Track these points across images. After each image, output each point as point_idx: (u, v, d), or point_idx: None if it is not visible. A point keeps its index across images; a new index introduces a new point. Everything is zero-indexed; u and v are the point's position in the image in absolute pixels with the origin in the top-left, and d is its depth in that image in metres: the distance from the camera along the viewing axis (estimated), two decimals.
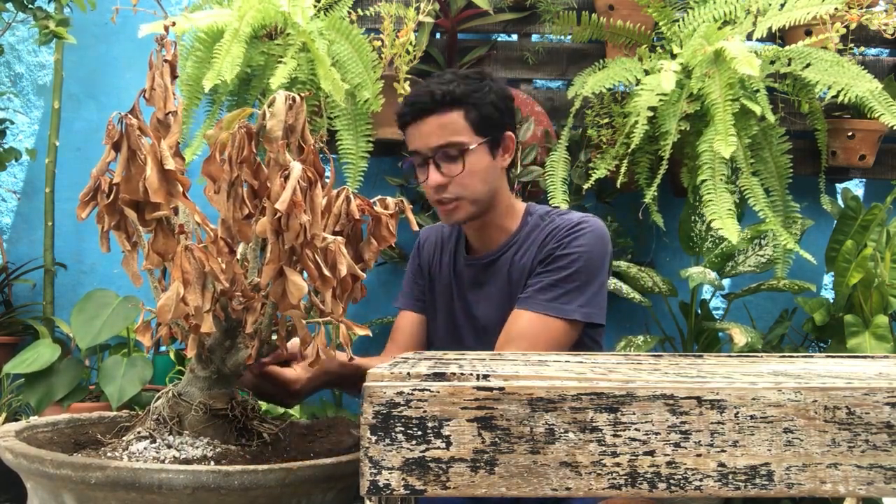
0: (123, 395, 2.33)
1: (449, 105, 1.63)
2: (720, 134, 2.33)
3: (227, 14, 2.43)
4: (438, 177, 1.63)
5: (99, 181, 1.07)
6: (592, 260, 1.63)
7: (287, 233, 1.01)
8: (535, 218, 1.72)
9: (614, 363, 1.04)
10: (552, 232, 1.66)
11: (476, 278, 1.75)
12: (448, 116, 1.63)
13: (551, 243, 1.65)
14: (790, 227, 2.58)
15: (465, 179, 1.64)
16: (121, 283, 2.84)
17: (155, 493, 0.95)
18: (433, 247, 1.85)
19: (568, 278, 1.61)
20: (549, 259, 1.64)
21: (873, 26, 2.58)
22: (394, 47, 2.56)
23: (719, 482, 0.79)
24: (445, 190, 1.64)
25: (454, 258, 1.80)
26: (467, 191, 1.65)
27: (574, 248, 1.63)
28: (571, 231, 1.65)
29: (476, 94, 1.64)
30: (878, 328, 2.45)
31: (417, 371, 0.84)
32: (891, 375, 0.89)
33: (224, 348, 1.13)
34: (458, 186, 1.64)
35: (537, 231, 1.69)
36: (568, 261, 1.62)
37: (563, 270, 1.61)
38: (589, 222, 1.66)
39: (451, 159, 1.63)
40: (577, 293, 1.61)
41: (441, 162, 1.64)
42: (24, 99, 2.98)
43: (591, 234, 1.64)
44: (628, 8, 2.70)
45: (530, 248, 1.68)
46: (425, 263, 1.85)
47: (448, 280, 1.79)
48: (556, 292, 1.60)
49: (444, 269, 1.81)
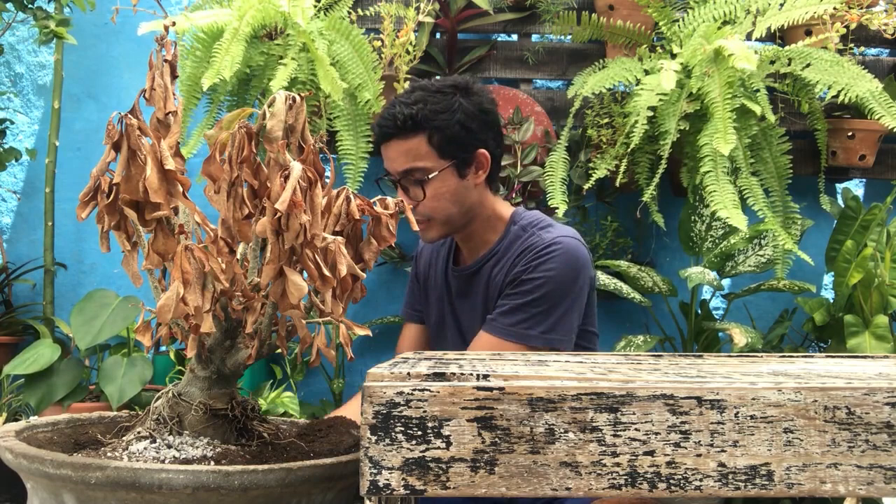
0: (123, 395, 2.33)
1: (411, 130, 1.61)
2: (720, 132, 2.32)
3: (226, 14, 2.43)
4: (406, 200, 1.63)
5: (99, 181, 1.07)
6: (559, 284, 1.60)
7: (287, 233, 1.01)
8: (516, 229, 1.69)
9: (614, 363, 1.04)
10: (524, 252, 1.64)
11: (461, 288, 1.75)
12: (410, 142, 1.62)
13: (519, 265, 1.63)
14: (790, 227, 2.58)
15: (431, 203, 1.63)
16: (121, 283, 2.84)
17: (155, 493, 0.95)
18: (430, 256, 1.86)
19: (532, 303, 1.59)
20: (515, 282, 1.62)
21: (873, 26, 2.58)
22: (394, 47, 2.56)
23: (719, 482, 0.79)
24: (414, 211, 1.63)
25: (446, 268, 1.80)
26: (436, 213, 1.65)
27: (541, 272, 1.60)
28: (540, 254, 1.62)
29: (442, 116, 1.61)
30: (878, 328, 2.45)
31: (417, 371, 0.84)
32: (891, 375, 0.89)
33: (224, 348, 1.13)
34: (426, 209, 1.64)
35: (516, 245, 1.67)
36: (533, 285, 1.60)
37: (527, 295, 1.60)
38: (561, 244, 1.62)
39: (415, 184, 1.63)
40: (541, 318, 1.59)
41: (407, 185, 1.64)
42: (24, 99, 2.98)
43: (561, 256, 1.61)
44: (628, 8, 2.70)
45: (506, 265, 1.67)
46: (422, 273, 1.86)
47: (440, 289, 1.80)
48: (519, 317, 1.59)
49: (438, 278, 1.81)
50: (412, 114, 1.60)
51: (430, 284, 1.83)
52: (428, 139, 1.61)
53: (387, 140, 1.64)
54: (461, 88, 1.66)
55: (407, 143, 1.62)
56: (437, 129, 1.61)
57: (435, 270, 1.82)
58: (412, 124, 1.60)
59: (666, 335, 2.73)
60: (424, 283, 1.85)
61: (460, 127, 1.63)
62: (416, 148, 1.62)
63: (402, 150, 1.62)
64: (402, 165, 1.63)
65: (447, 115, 1.62)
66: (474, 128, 1.65)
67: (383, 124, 1.64)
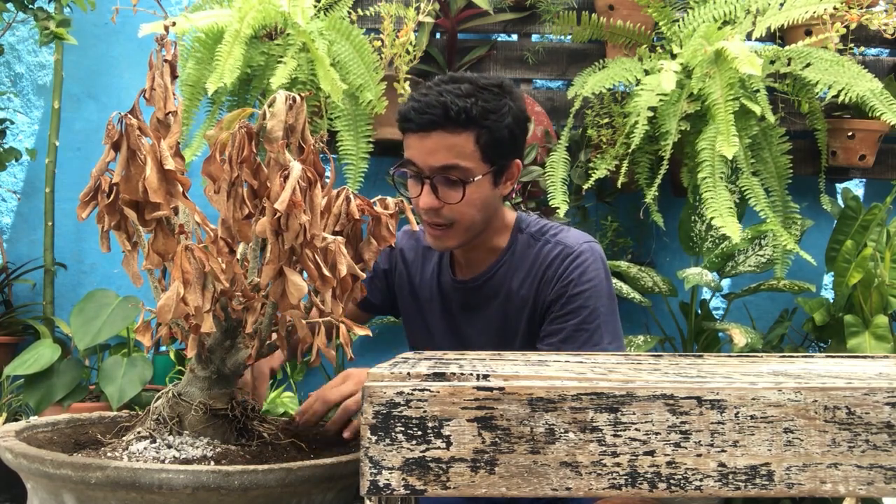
0: (123, 396, 2.33)
1: (462, 125, 1.45)
2: (722, 134, 2.33)
3: (226, 14, 2.43)
4: (433, 200, 1.48)
5: (99, 181, 1.07)
6: (602, 292, 1.54)
7: (287, 233, 1.01)
8: (524, 237, 1.60)
9: (614, 363, 1.04)
10: (554, 266, 1.54)
11: (467, 301, 1.63)
12: (458, 137, 1.45)
13: (557, 283, 1.53)
14: (790, 227, 2.58)
15: (462, 208, 1.48)
16: (121, 283, 2.84)
17: (155, 493, 0.95)
18: (412, 256, 1.71)
19: (588, 319, 1.51)
20: (561, 302, 1.52)
21: (873, 26, 2.58)
22: (394, 47, 2.56)
23: (719, 482, 0.79)
24: (438, 214, 1.49)
25: (439, 276, 1.66)
26: (462, 219, 1.50)
27: (584, 284, 1.52)
28: (574, 265, 1.53)
29: (493, 116, 1.47)
30: (878, 328, 2.45)
31: (417, 371, 0.84)
32: (891, 375, 0.89)
33: (224, 348, 1.13)
34: (454, 213, 1.49)
35: (531, 254, 1.58)
36: (582, 300, 1.51)
37: (580, 312, 1.51)
38: (588, 251, 1.55)
39: (451, 184, 1.47)
40: (603, 330, 1.52)
41: (439, 185, 1.47)
42: (24, 99, 2.98)
43: (593, 264, 1.54)
44: (628, 8, 2.70)
45: (529, 277, 1.57)
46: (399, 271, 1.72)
47: (431, 297, 1.67)
48: (583, 338, 1.51)
49: (427, 283, 1.68)
50: (466, 107, 1.44)
51: (416, 286, 1.69)
52: (476, 138, 1.46)
53: (428, 130, 1.45)
54: (507, 91, 1.52)
55: (454, 138, 1.45)
56: (488, 129, 1.46)
57: (421, 273, 1.69)
58: (465, 119, 1.44)
59: (666, 335, 2.73)
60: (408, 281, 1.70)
61: (508, 132, 1.49)
62: (462, 145, 1.45)
63: (446, 143, 1.45)
64: (443, 161, 1.46)
65: (498, 116, 1.47)
66: (518, 134, 1.53)
67: (428, 111, 1.44)
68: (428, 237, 1.55)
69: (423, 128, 1.46)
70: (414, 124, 1.47)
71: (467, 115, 1.44)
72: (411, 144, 1.50)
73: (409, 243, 1.72)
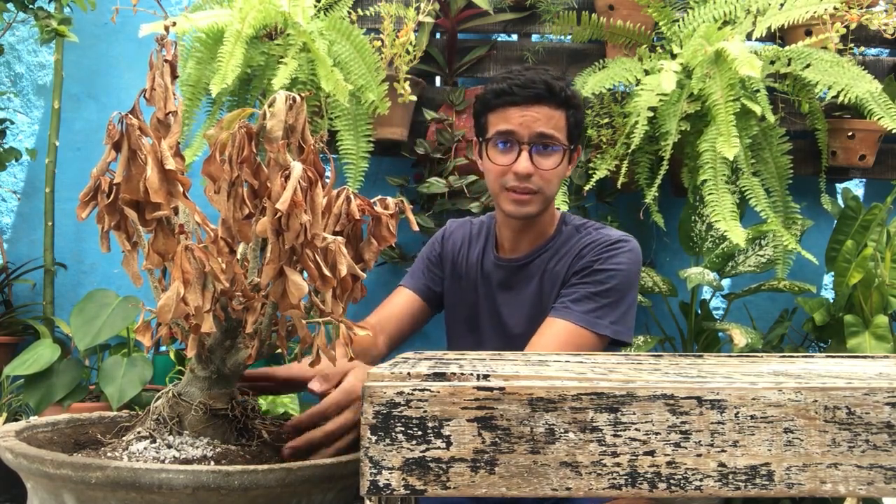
0: (123, 396, 2.33)
1: (563, 102, 1.64)
2: (723, 135, 2.33)
3: (227, 14, 2.43)
4: (530, 165, 1.63)
5: (99, 181, 1.07)
6: (628, 279, 1.64)
7: (287, 233, 1.01)
8: (570, 228, 1.73)
9: (614, 363, 1.04)
10: (590, 245, 1.67)
11: (506, 280, 1.74)
12: (557, 112, 1.64)
13: (589, 256, 1.65)
14: (790, 227, 2.58)
15: (550, 175, 1.64)
16: (121, 283, 2.84)
17: (155, 493, 0.95)
18: (460, 241, 1.84)
19: (603, 293, 1.61)
20: (586, 271, 1.64)
21: (873, 26, 2.58)
22: (394, 47, 2.56)
23: (719, 482, 0.79)
24: (528, 180, 1.63)
25: (482, 256, 1.79)
26: (547, 188, 1.66)
27: (612, 264, 1.63)
28: (611, 247, 1.65)
29: (576, 101, 1.67)
30: (878, 328, 2.45)
31: (417, 371, 0.84)
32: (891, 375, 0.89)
33: (224, 348, 1.13)
34: (542, 181, 1.64)
35: (573, 241, 1.70)
36: (605, 276, 1.62)
37: (599, 285, 1.62)
38: (629, 242, 1.67)
39: (547, 153, 1.64)
40: (610, 309, 1.61)
41: (536, 153, 1.63)
42: (24, 99, 2.98)
43: (630, 253, 1.66)
44: (628, 8, 2.70)
45: (565, 258, 1.68)
46: (448, 255, 1.83)
47: (474, 278, 1.78)
48: (591, 305, 1.60)
49: (471, 266, 1.79)
50: (564, 87, 1.63)
51: (461, 270, 1.81)
52: (567, 117, 1.65)
53: (532, 102, 1.62)
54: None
55: (554, 112, 1.63)
56: (574, 111, 1.66)
57: (466, 257, 1.81)
58: (564, 97, 1.63)
59: (666, 335, 2.73)
60: (452, 266, 1.82)
61: (583, 118, 1.72)
62: (558, 119, 1.64)
63: (547, 114, 1.63)
64: (544, 128, 1.62)
65: (578, 101, 1.68)
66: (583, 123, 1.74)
67: (534, 87, 1.62)
68: (509, 204, 1.66)
69: (527, 100, 1.62)
70: (518, 97, 1.63)
71: (566, 94, 1.64)
72: (510, 116, 1.63)
73: (459, 230, 1.86)
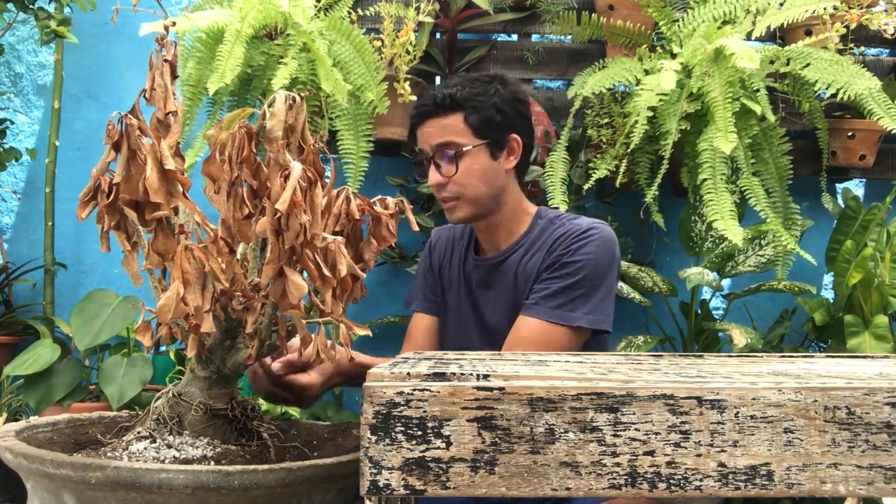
0: (123, 396, 2.33)
1: (449, 108, 1.67)
2: (720, 131, 2.32)
3: (227, 14, 2.43)
4: (436, 176, 1.68)
5: (99, 181, 1.07)
6: (599, 267, 1.63)
7: (287, 233, 1.01)
8: (544, 222, 1.73)
9: (614, 363, 1.04)
10: (560, 237, 1.67)
11: (484, 279, 1.76)
12: (447, 119, 1.68)
13: (559, 249, 1.66)
14: (790, 227, 2.58)
15: (462, 179, 1.67)
16: (121, 283, 2.84)
17: (155, 493, 0.95)
18: (444, 246, 1.87)
19: (574, 285, 1.62)
20: (555, 265, 1.64)
21: (873, 26, 2.58)
22: (394, 47, 2.56)
23: (719, 482, 0.79)
24: (444, 189, 1.69)
25: (464, 258, 1.81)
26: (466, 190, 1.68)
27: (581, 255, 1.63)
28: (579, 237, 1.65)
29: (479, 97, 1.68)
30: (878, 328, 2.45)
31: (417, 371, 0.84)
32: (891, 375, 0.89)
33: (224, 348, 1.13)
34: (457, 186, 1.68)
35: (546, 235, 1.70)
36: (574, 268, 1.63)
37: (569, 277, 1.62)
38: (598, 229, 1.67)
39: (449, 159, 1.67)
40: (582, 300, 1.62)
41: (439, 161, 1.68)
42: (24, 99, 2.98)
43: (599, 240, 1.65)
44: (628, 8, 2.70)
45: (538, 253, 1.69)
46: (436, 263, 1.87)
47: (457, 280, 1.80)
48: (562, 299, 1.61)
49: (454, 269, 1.82)
50: (451, 93, 1.68)
51: (446, 276, 1.84)
52: (464, 118, 1.67)
53: (424, 119, 1.70)
54: (498, 78, 1.74)
55: (444, 121, 1.68)
56: (474, 108, 1.67)
57: (450, 262, 1.84)
58: (450, 102, 1.67)
59: (666, 335, 2.73)
60: (440, 274, 1.85)
61: (496, 110, 1.69)
62: (452, 125, 1.68)
63: (438, 126, 1.68)
64: (437, 139, 1.68)
65: (484, 97, 1.69)
66: (509, 112, 1.71)
67: (421, 105, 1.71)
68: (446, 214, 1.74)
69: (421, 119, 1.71)
70: (416, 118, 1.73)
71: (451, 98, 1.67)
72: (417, 137, 1.73)
73: (443, 236, 1.90)
